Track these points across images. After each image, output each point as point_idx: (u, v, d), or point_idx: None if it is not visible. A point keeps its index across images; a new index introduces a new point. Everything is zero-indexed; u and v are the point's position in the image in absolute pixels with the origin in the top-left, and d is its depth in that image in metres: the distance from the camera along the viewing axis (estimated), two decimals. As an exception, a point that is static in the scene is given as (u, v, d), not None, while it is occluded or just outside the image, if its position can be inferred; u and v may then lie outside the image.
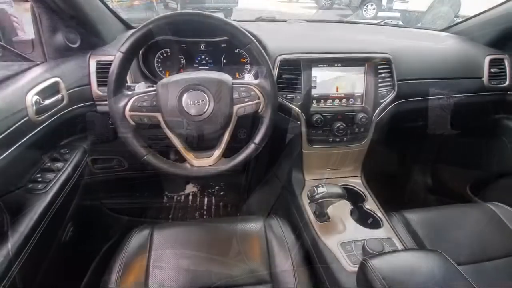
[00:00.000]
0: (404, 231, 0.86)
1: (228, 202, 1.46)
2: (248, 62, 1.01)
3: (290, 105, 0.89)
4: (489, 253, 0.79)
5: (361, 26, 1.33)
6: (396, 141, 1.59)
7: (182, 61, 0.97)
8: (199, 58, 0.98)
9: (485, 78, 1.07)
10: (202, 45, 0.97)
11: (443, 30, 1.30)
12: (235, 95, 0.70)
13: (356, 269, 0.58)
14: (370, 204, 0.92)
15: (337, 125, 0.91)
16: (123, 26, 1.04)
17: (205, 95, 0.68)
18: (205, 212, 1.41)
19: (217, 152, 0.73)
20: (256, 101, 0.71)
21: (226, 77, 0.71)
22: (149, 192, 1.42)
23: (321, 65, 0.91)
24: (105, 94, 0.68)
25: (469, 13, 1.21)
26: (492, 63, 1.08)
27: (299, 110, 0.90)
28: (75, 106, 0.83)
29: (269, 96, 0.71)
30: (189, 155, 0.72)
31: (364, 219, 0.89)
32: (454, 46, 1.13)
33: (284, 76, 0.89)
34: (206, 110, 0.68)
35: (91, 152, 0.92)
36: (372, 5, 7.93)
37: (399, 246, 0.77)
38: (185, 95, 0.68)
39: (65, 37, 0.83)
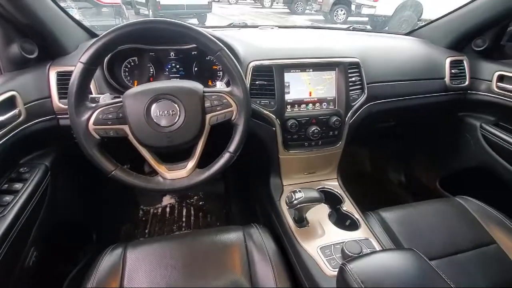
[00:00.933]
0: (380, 230, 0.88)
1: (208, 211, 1.43)
2: (221, 69, 0.99)
3: (265, 111, 0.89)
4: (460, 246, 0.83)
5: (331, 31, 1.37)
6: (370, 142, 1.65)
7: (151, 70, 0.94)
8: (169, 66, 0.95)
9: (447, 79, 1.13)
10: (172, 53, 0.94)
11: (407, 34, 1.37)
12: (207, 104, 0.69)
13: (336, 273, 0.58)
14: (347, 206, 0.93)
15: (312, 129, 0.92)
16: (86, 34, 0.99)
17: (175, 105, 0.66)
18: (184, 224, 1.37)
19: (191, 164, 0.71)
20: (229, 109, 0.70)
21: (196, 85, 0.69)
22: (122, 207, 1.35)
23: (293, 71, 0.91)
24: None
25: (431, 16, 1.28)
26: (452, 64, 1.15)
27: (274, 116, 0.90)
28: (35, 121, 0.77)
29: (242, 103, 0.70)
30: (161, 168, 0.69)
31: (343, 221, 0.90)
32: (417, 49, 1.19)
33: (257, 82, 0.89)
34: (177, 121, 0.66)
35: (54, 169, 0.85)
36: (342, 10, 8.28)
37: (376, 246, 0.78)
38: (153, 106, 0.65)
39: (20, 48, 0.77)
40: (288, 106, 0.92)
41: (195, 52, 0.96)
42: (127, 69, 0.93)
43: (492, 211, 0.93)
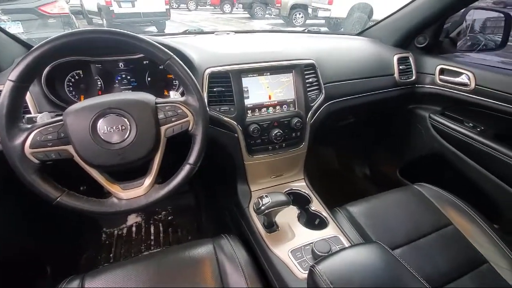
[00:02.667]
0: (348, 225, 0.90)
1: (178, 226, 1.37)
2: None
3: (225, 118, 0.87)
4: (421, 231, 0.88)
5: (287, 35, 1.40)
6: (335, 139, 1.71)
7: (99, 83, 0.88)
8: (119, 78, 0.90)
9: (396, 75, 1.20)
10: (121, 64, 0.89)
11: (358, 34, 1.44)
12: (161, 116, 0.65)
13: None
14: (316, 205, 0.95)
15: (275, 132, 0.92)
16: (23, 48, 0.90)
17: (125, 119, 0.61)
18: (152, 243, 1.29)
19: (148, 180, 0.66)
20: (185, 119, 0.67)
21: (147, 96, 0.65)
22: (81, 232, 1.24)
23: (251, 75, 0.91)
24: None
25: (381, 17, 1.36)
26: (400, 61, 1.22)
27: (235, 122, 0.88)
28: None
29: (198, 112, 0.67)
30: (114, 188, 0.64)
31: (312, 221, 0.91)
32: (368, 48, 1.26)
33: (215, 89, 0.87)
34: (128, 136, 0.62)
35: None
36: (300, 14, 8.59)
37: (345, 242, 0.80)
38: (100, 122, 0.60)
39: None
40: (249, 111, 0.91)
41: (147, 62, 0.91)
42: (71, 84, 0.85)
43: (446, 194, 1.00)
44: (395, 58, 1.21)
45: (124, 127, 0.61)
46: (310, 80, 0.98)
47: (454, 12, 1.14)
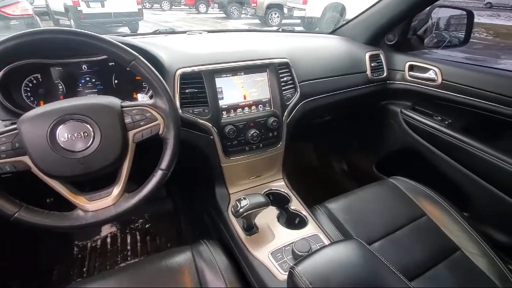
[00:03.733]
0: (328, 222, 0.90)
1: (157, 234, 1.31)
2: None
3: (200, 120, 0.85)
4: (398, 223, 0.90)
5: (260, 34, 1.39)
6: (310, 137, 1.72)
7: (60, 87, 0.82)
8: (83, 81, 0.84)
9: (368, 72, 1.23)
10: (84, 66, 0.83)
11: (331, 32, 1.46)
12: (128, 120, 0.62)
13: None
14: (295, 204, 0.94)
15: (251, 133, 0.91)
16: None
17: (88, 125, 0.57)
18: (129, 253, 1.23)
19: (117, 189, 0.62)
20: (154, 123, 0.64)
21: (112, 100, 0.62)
22: (50, 246, 1.16)
23: (224, 75, 0.89)
24: None
25: (353, 16, 1.39)
26: (371, 58, 1.25)
27: (210, 124, 0.86)
28: None
29: (169, 115, 0.64)
30: (79, 200, 0.60)
31: (292, 220, 0.91)
32: (340, 47, 1.27)
33: (187, 90, 0.84)
34: (92, 143, 0.58)
35: None
36: (275, 13, 8.65)
37: (325, 240, 0.80)
38: (59, 129, 0.56)
39: None
40: (224, 112, 0.89)
41: (113, 63, 0.86)
42: (28, 89, 0.79)
43: (420, 187, 1.03)
44: (367, 55, 1.24)
45: (87, 134, 0.57)
46: (285, 78, 0.98)
47: (420, 10, 1.18)
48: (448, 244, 0.85)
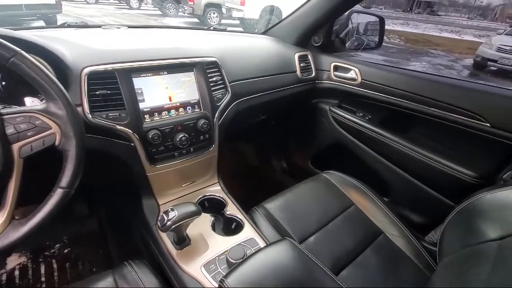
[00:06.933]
0: (265, 223, 0.89)
1: (79, 259, 1.13)
2: None
3: (117, 126, 0.74)
4: (330, 215, 0.94)
5: (188, 31, 1.31)
6: (249, 138, 1.72)
7: None
8: None
9: (298, 72, 1.27)
10: None
11: (263, 33, 1.47)
12: (10, 130, 0.50)
13: None
14: (231, 208, 0.91)
15: (179, 137, 0.84)
16: None
17: None
18: (44, 286, 1.04)
19: (2, 216, 0.50)
20: (47, 132, 0.53)
21: None
22: None
23: (144, 75, 0.80)
24: None
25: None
26: (300, 59, 1.30)
27: (129, 130, 0.76)
28: None
29: (66, 122, 0.54)
30: None
31: (229, 226, 0.87)
32: (271, 47, 1.29)
33: (98, 92, 0.73)
34: None
35: None
36: (214, 13, 8.52)
37: (260, 242, 0.78)
38: None
39: None
40: (146, 116, 0.80)
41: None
42: None
43: (348, 179, 1.10)
44: (296, 56, 1.28)
45: None
46: (215, 78, 0.93)
47: (338, 14, 1.27)
48: (373, 229, 0.92)
